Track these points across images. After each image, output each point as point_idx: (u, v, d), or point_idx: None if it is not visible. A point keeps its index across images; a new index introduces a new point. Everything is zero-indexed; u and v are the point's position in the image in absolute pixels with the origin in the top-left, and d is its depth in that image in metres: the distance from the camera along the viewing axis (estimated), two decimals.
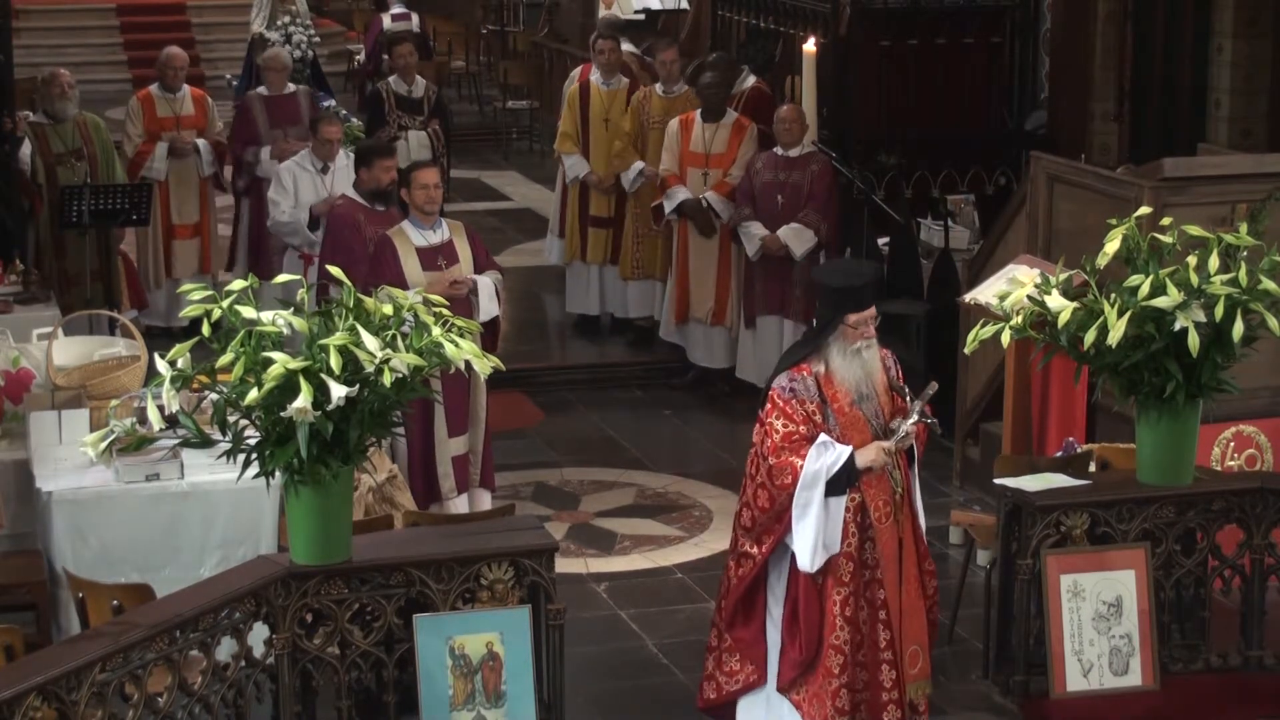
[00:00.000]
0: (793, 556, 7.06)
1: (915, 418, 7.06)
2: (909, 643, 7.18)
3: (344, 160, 11.89)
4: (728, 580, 7.28)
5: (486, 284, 9.44)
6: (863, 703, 7.13)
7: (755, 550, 7.13)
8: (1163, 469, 7.68)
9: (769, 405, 7.07)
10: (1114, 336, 7.27)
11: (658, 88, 13.04)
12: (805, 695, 7.12)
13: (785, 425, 7.01)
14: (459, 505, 9.49)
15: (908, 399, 7.10)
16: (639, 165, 12.83)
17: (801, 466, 6.93)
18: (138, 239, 13.09)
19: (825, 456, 6.94)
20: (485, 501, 9.65)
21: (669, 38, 13.80)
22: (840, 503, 6.97)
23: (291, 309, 6.56)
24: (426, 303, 6.76)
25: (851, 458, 6.95)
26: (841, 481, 6.95)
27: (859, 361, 7.07)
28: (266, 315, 6.49)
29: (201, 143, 13.12)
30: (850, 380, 7.06)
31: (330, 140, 11.85)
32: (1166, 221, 7.69)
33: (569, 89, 13.74)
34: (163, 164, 13.01)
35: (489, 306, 9.41)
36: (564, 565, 8.80)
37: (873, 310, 7.10)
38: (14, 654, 6.57)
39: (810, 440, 6.99)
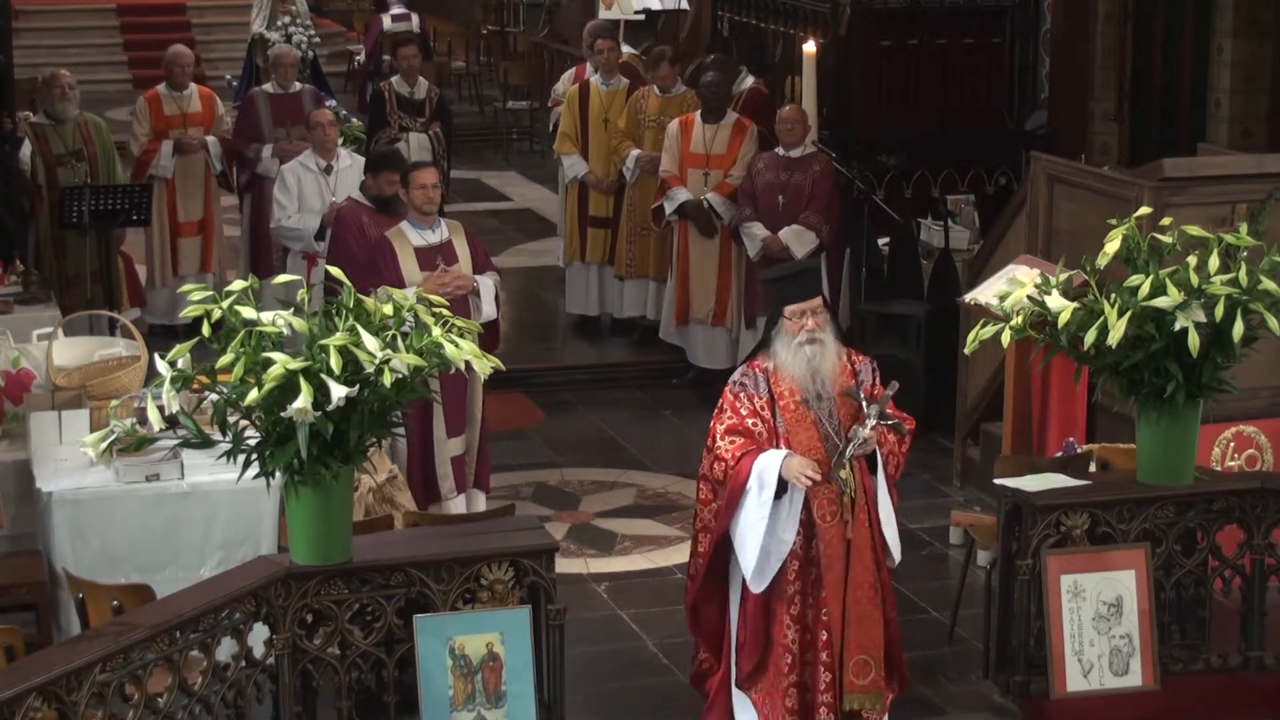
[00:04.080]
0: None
1: (873, 422, 6.91)
2: (855, 651, 7.02)
3: (347, 160, 11.89)
4: (692, 564, 7.32)
5: (488, 285, 9.44)
6: (811, 702, 7.11)
7: (701, 546, 7.20)
8: (1163, 469, 7.67)
9: (720, 400, 7.11)
10: (1114, 336, 7.26)
11: (655, 88, 13.06)
12: (761, 693, 7.11)
13: (729, 419, 7.04)
14: (458, 506, 9.49)
15: (863, 404, 6.98)
16: (634, 153, 12.86)
17: (739, 462, 6.94)
18: (145, 237, 13.09)
19: (761, 469, 6.93)
20: (480, 502, 9.63)
21: (661, 48, 13.82)
22: (783, 517, 6.93)
23: (291, 309, 6.57)
24: (426, 303, 6.76)
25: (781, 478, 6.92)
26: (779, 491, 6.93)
27: (803, 356, 7.00)
28: (267, 315, 6.49)
29: (210, 139, 13.14)
30: (796, 374, 7.00)
31: (321, 123, 11.83)
32: (1166, 221, 7.68)
33: (565, 90, 13.79)
34: (169, 161, 13.02)
35: (489, 308, 9.42)
36: (564, 565, 8.80)
37: (815, 303, 7.03)
38: (14, 654, 6.57)
39: (751, 434, 6.98)
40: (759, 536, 6.91)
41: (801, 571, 7.05)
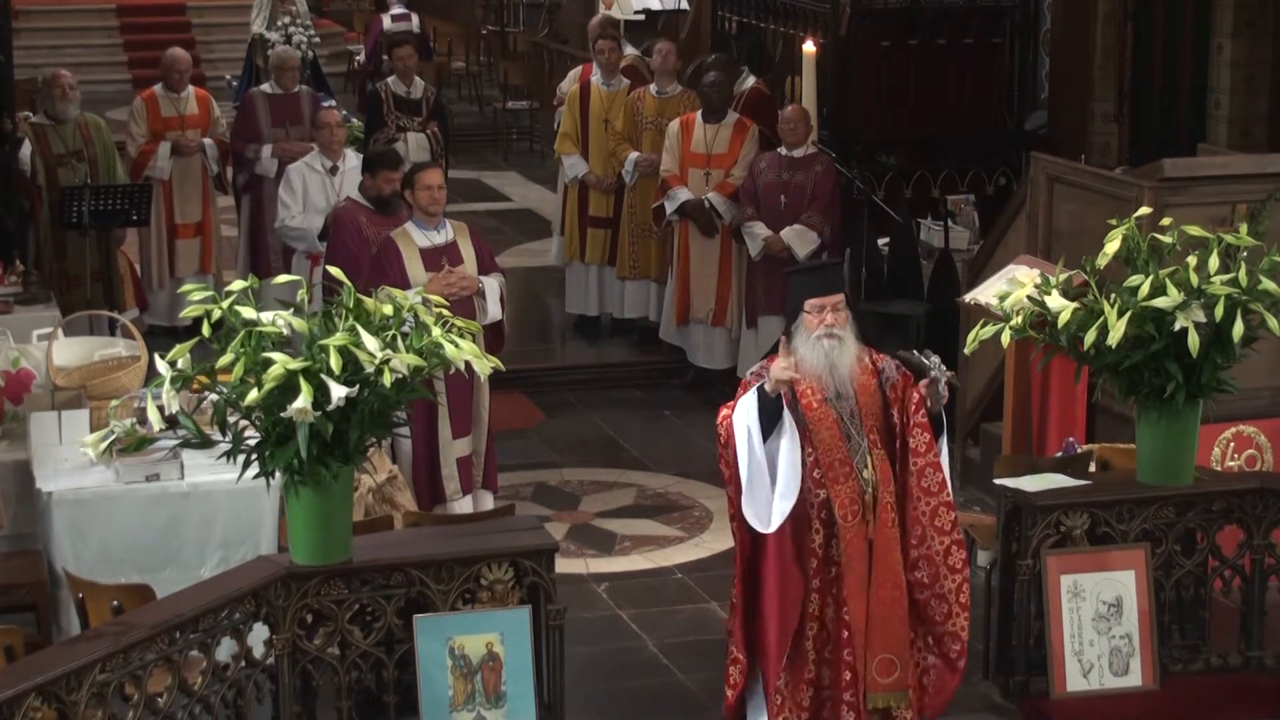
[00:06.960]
0: (763, 543, 7.00)
1: (941, 373, 6.92)
2: (879, 650, 6.97)
3: (353, 160, 11.90)
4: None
5: (493, 286, 9.45)
6: (827, 700, 7.06)
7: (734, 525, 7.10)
8: (1163, 469, 7.67)
9: (737, 394, 7.06)
10: (1114, 337, 7.26)
11: (652, 88, 13.07)
12: (782, 689, 7.08)
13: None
14: (463, 507, 9.49)
15: (923, 360, 6.96)
16: (633, 156, 12.87)
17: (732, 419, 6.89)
18: (140, 239, 13.10)
19: (744, 404, 6.87)
20: (488, 503, 9.64)
21: (662, 40, 13.84)
22: (786, 446, 6.83)
23: (291, 309, 6.57)
24: (426, 303, 6.76)
25: (760, 389, 6.84)
26: (768, 415, 6.82)
27: (820, 350, 6.93)
28: (266, 315, 6.50)
29: (207, 141, 13.15)
30: (815, 368, 6.93)
31: (329, 124, 11.84)
32: (1166, 221, 7.68)
33: (568, 89, 13.78)
34: (166, 163, 13.03)
35: (494, 309, 9.42)
36: (564, 565, 8.79)
37: (836, 298, 6.97)
38: (14, 654, 6.57)
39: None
40: (762, 468, 6.85)
41: (820, 570, 7.03)
